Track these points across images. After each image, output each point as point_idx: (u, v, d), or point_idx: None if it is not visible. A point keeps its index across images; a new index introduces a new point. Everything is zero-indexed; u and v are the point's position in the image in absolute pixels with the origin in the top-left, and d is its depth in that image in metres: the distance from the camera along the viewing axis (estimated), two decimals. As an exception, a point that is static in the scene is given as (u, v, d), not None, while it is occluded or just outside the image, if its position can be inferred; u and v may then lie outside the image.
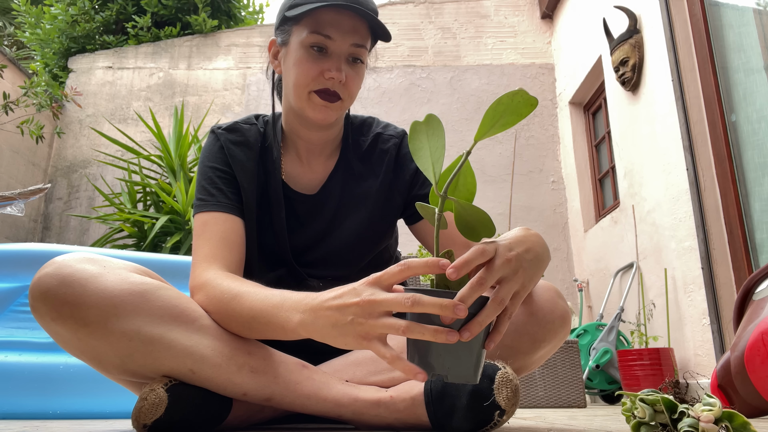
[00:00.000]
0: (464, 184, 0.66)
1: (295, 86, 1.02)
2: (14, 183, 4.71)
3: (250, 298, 0.84)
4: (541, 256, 0.78)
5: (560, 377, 2.66)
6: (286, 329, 0.78)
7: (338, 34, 0.99)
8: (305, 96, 1.02)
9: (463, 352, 0.64)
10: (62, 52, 5.57)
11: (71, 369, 1.52)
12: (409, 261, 0.66)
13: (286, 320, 0.78)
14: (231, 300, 0.86)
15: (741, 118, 2.72)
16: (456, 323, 0.62)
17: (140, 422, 0.78)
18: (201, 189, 1.04)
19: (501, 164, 4.80)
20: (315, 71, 1.00)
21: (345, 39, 1.00)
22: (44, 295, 0.79)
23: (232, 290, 0.87)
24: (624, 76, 3.49)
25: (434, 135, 0.65)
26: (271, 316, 0.80)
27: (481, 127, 0.62)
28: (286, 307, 0.78)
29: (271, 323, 0.80)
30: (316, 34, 0.99)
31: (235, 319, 0.85)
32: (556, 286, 0.96)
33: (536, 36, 5.19)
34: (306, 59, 1.00)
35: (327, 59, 1.00)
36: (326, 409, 0.86)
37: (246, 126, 1.12)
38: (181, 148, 4.05)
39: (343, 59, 1.01)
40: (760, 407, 1.39)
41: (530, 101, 0.60)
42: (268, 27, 5.42)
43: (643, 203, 3.39)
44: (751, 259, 2.63)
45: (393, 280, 0.67)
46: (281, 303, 0.80)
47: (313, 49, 1.00)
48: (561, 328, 0.91)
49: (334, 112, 1.03)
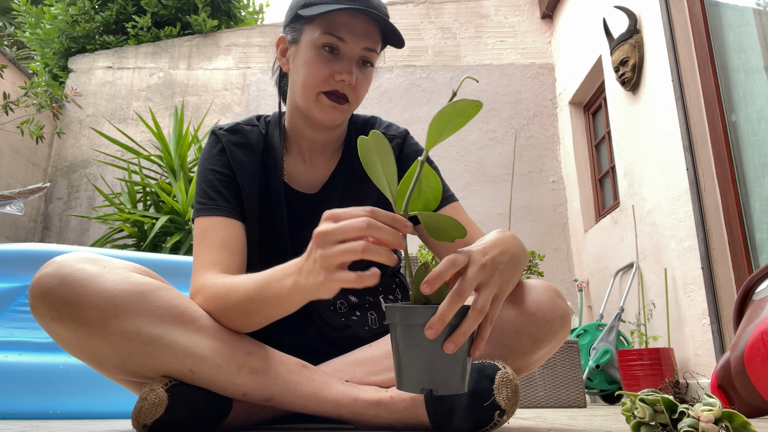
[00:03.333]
0: (428, 185, 0.66)
1: (304, 86, 1.01)
2: (14, 183, 4.71)
3: (243, 284, 0.85)
4: (517, 257, 0.78)
5: (560, 377, 2.66)
6: (282, 298, 0.78)
7: (351, 36, 0.98)
8: (313, 97, 1.01)
9: (449, 365, 0.64)
10: (62, 52, 5.57)
11: (71, 369, 1.52)
12: (375, 208, 0.66)
13: (281, 289, 0.78)
14: (226, 292, 0.86)
15: (741, 118, 2.72)
16: (440, 336, 0.62)
17: (140, 422, 0.78)
18: (201, 192, 1.03)
19: (501, 164, 4.80)
20: (325, 72, 0.99)
21: (357, 42, 0.99)
22: (44, 295, 0.79)
23: (226, 283, 0.88)
24: (624, 76, 3.49)
25: (384, 153, 0.64)
26: (266, 291, 0.80)
27: (429, 138, 0.62)
28: (277, 277, 0.79)
29: (267, 299, 0.81)
30: (329, 35, 0.98)
31: (234, 309, 0.85)
32: (556, 286, 0.96)
33: (536, 36, 5.19)
34: (317, 60, 0.99)
35: (338, 61, 1.00)
36: (326, 409, 0.86)
37: (248, 127, 1.11)
38: (181, 148, 4.05)
39: (354, 62, 1.00)
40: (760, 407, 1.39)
41: (474, 103, 0.62)
42: (268, 27, 5.41)
43: (643, 203, 3.40)
44: (751, 259, 2.63)
45: (348, 216, 0.67)
46: (272, 275, 0.80)
47: (325, 49, 0.99)
48: (561, 328, 0.91)
49: (341, 114, 1.03)
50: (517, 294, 0.91)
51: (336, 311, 1.05)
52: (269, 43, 5.27)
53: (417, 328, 0.63)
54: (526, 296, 0.91)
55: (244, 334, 0.89)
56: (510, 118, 4.95)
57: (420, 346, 0.63)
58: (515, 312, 0.89)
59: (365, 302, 1.08)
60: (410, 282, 0.66)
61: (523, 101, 4.99)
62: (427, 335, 0.61)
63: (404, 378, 0.65)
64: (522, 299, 0.90)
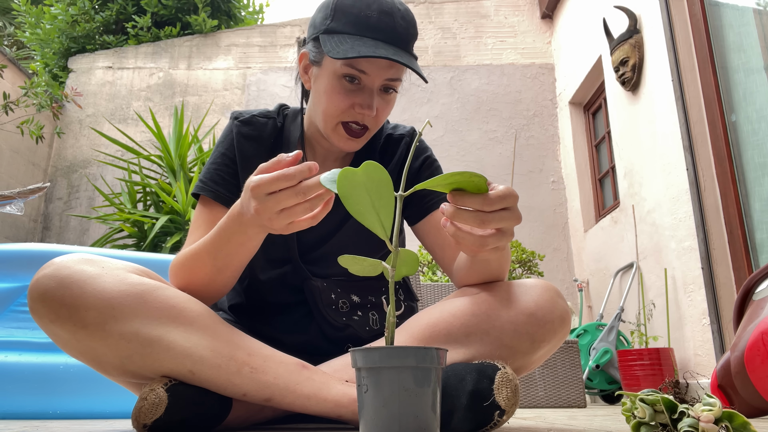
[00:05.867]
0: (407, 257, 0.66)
1: (324, 114, 1.01)
2: (14, 183, 4.71)
3: (204, 243, 0.90)
4: None
5: (560, 377, 2.66)
6: (244, 241, 0.85)
7: (374, 69, 0.96)
8: (332, 125, 1.01)
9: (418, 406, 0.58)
10: (62, 52, 5.57)
11: (71, 369, 1.52)
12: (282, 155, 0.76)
13: (239, 226, 0.83)
14: (191, 257, 0.91)
15: (741, 118, 2.72)
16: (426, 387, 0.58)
17: (140, 422, 0.78)
18: (208, 169, 1.07)
19: (501, 164, 4.80)
20: (346, 104, 0.98)
21: (380, 74, 0.97)
22: (43, 296, 0.79)
23: (190, 249, 0.92)
24: (624, 76, 3.49)
25: (377, 187, 0.59)
26: (224, 240, 0.86)
27: (430, 181, 0.63)
28: (228, 223, 0.85)
29: (231, 241, 0.86)
30: (351, 68, 0.96)
31: (203, 270, 0.90)
32: (556, 286, 0.96)
33: (536, 36, 5.19)
34: (338, 90, 0.98)
35: (359, 92, 0.98)
36: (326, 409, 0.86)
37: (262, 120, 1.11)
38: (181, 148, 4.05)
39: (375, 92, 0.99)
40: (760, 407, 1.39)
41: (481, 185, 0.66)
42: (268, 27, 5.41)
43: (643, 203, 3.39)
44: (751, 259, 2.63)
45: (272, 167, 0.76)
46: (222, 225, 0.86)
47: (346, 79, 0.97)
48: (560, 328, 0.91)
49: (360, 143, 1.03)
50: (517, 293, 0.91)
51: (337, 310, 1.05)
52: (269, 43, 5.27)
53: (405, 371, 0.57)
54: (526, 296, 0.91)
55: (243, 333, 0.89)
56: (510, 118, 4.95)
57: (408, 391, 0.56)
58: (515, 312, 0.89)
59: (367, 302, 1.08)
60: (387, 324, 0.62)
61: (523, 101, 4.99)
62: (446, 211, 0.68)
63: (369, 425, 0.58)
64: (522, 299, 0.90)
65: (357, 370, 0.60)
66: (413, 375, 0.57)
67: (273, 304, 1.08)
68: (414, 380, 0.57)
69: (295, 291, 1.06)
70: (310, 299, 1.04)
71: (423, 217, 1.09)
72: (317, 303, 1.04)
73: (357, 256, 0.65)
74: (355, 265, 0.66)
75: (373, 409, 0.57)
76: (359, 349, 0.59)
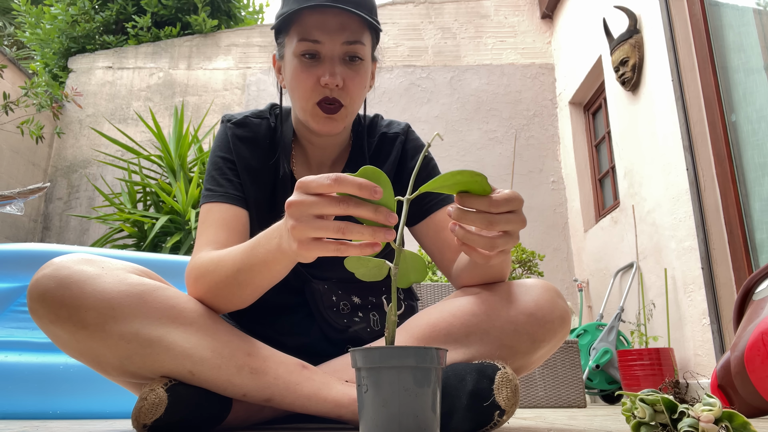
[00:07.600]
0: (414, 261, 0.65)
1: (298, 100, 1.00)
2: (14, 183, 4.71)
3: (230, 255, 0.85)
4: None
5: (560, 377, 2.66)
6: (269, 263, 0.79)
7: (325, 35, 0.95)
8: (309, 109, 0.99)
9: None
10: (62, 52, 5.57)
11: (71, 369, 1.52)
12: (342, 175, 0.63)
13: (267, 253, 0.78)
14: (215, 268, 0.86)
15: (741, 118, 2.72)
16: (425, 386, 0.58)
17: (140, 422, 0.78)
18: (209, 179, 1.04)
19: (501, 164, 4.80)
20: (311, 81, 0.97)
21: (334, 39, 0.96)
22: (42, 297, 0.79)
23: (214, 258, 0.88)
24: (624, 76, 3.49)
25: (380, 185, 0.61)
26: (253, 257, 0.81)
27: (433, 182, 0.61)
28: (262, 242, 0.79)
29: (255, 266, 0.81)
30: (305, 41, 0.96)
31: (224, 283, 0.85)
32: (556, 286, 0.96)
33: (536, 36, 5.19)
34: (300, 70, 0.97)
35: (320, 65, 0.97)
36: (326, 409, 0.86)
37: (256, 120, 1.10)
38: (181, 148, 4.04)
39: (336, 61, 0.97)
40: (760, 407, 1.39)
41: (484, 187, 0.64)
42: (268, 27, 5.41)
43: (643, 203, 3.39)
44: (751, 259, 2.63)
45: (320, 187, 0.65)
46: (257, 241, 0.81)
47: (305, 57, 0.97)
48: (560, 328, 0.90)
49: (338, 122, 1.00)
50: (517, 293, 0.91)
51: (339, 312, 1.04)
52: (269, 43, 5.27)
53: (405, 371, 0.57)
54: (526, 296, 0.90)
55: (243, 334, 0.89)
56: (510, 118, 4.94)
57: (408, 391, 0.57)
58: (515, 312, 0.89)
59: (368, 303, 1.08)
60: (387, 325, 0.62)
61: (523, 101, 4.99)
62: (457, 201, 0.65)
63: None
64: (521, 299, 0.90)
65: (357, 370, 0.60)
66: (413, 375, 0.57)
67: (274, 306, 1.08)
68: (414, 380, 0.57)
69: (296, 293, 1.06)
70: (311, 302, 1.04)
71: (422, 218, 1.09)
72: (318, 305, 1.03)
73: (361, 257, 0.65)
74: (361, 268, 0.65)
75: (373, 409, 0.57)
76: (359, 349, 0.59)
